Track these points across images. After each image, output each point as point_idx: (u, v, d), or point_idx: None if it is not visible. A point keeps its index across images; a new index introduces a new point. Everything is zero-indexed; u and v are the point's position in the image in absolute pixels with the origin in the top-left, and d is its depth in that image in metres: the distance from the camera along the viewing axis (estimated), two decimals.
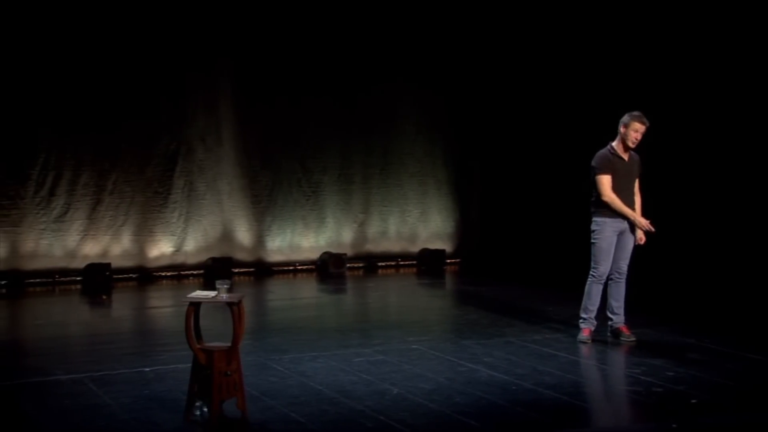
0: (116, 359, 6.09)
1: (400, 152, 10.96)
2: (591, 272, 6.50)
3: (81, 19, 9.30)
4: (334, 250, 10.50)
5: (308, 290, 9.69)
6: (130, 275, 9.72)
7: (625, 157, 6.50)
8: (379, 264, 10.87)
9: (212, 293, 4.79)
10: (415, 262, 10.94)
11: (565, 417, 4.90)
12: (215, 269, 9.64)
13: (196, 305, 4.77)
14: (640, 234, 6.50)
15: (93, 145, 9.53)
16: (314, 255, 10.54)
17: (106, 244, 9.64)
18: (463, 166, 11.25)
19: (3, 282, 9.22)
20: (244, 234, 10.28)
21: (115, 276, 9.47)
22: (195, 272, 10.01)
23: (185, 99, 9.91)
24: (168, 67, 9.68)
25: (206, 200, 10.07)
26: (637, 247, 6.61)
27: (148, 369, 5.76)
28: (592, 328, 6.56)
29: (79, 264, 9.45)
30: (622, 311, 6.59)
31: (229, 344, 4.75)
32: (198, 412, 4.70)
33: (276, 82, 10.17)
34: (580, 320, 6.58)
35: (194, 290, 5.12)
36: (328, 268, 10.22)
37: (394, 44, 10.63)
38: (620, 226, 6.44)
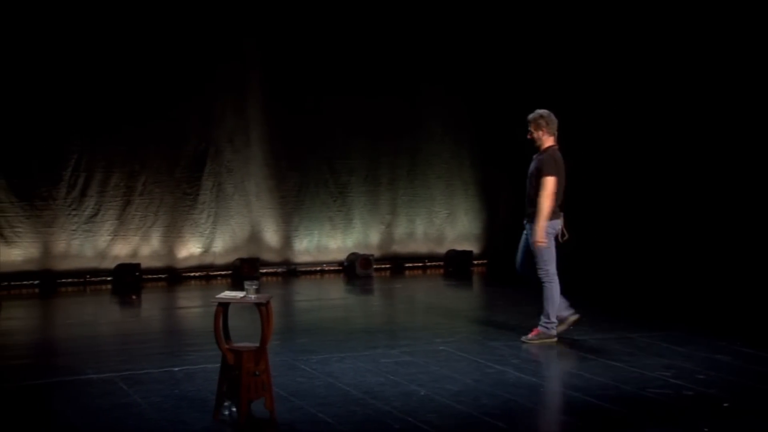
0: (146, 359, 6.15)
1: (427, 154, 10.96)
2: None
3: (111, 24, 9.41)
4: (361, 251, 10.52)
5: (335, 291, 9.72)
6: (160, 275, 9.82)
7: (535, 158, 6.63)
8: (406, 265, 10.87)
9: (241, 294, 4.82)
10: (442, 263, 10.93)
11: (594, 419, 4.87)
12: (243, 270, 9.71)
13: (224, 305, 4.80)
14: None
15: (123, 146, 9.64)
16: (341, 256, 10.56)
17: (136, 244, 9.75)
18: (490, 167, 11.21)
19: (36, 282, 9.36)
20: (271, 235, 10.33)
21: (144, 276, 9.57)
22: (223, 273, 10.09)
23: (213, 100, 10.00)
24: (196, 68, 9.77)
25: (234, 201, 10.15)
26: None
27: (177, 369, 5.81)
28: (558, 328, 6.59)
29: (110, 264, 9.57)
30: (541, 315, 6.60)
31: (257, 345, 4.78)
32: (227, 412, 4.73)
33: (304, 83, 10.22)
34: None
35: (223, 290, 5.15)
36: (355, 269, 10.24)
37: (421, 47, 10.64)
38: (527, 228, 6.64)
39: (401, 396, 5.17)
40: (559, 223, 6.55)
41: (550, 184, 6.43)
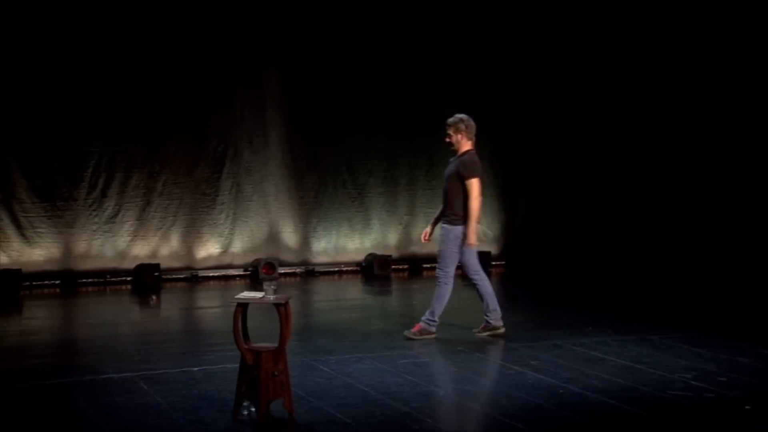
0: (165, 359, 6.19)
1: (446, 154, 10.93)
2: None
3: (131, 26, 9.47)
4: (379, 252, 10.52)
5: (353, 292, 9.72)
6: (179, 276, 9.88)
7: (453, 160, 6.73)
8: (424, 266, 10.86)
9: (259, 294, 4.84)
10: (460, 264, 10.89)
11: (614, 422, 4.84)
12: (262, 270, 9.75)
13: (243, 306, 4.82)
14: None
15: (143, 147, 9.72)
16: (359, 256, 10.57)
17: (156, 245, 9.81)
18: (509, 168, 11.18)
19: (57, 281, 9.45)
20: (290, 235, 10.36)
21: (164, 276, 9.63)
22: (242, 273, 10.13)
23: (233, 102, 10.05)
24: (216, 70, 9.82)
25: (253, 202, 10.19)
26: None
27: (196, 369, 5.84)
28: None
29: (130, 264, 9.64)
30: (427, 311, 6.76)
31: (276, 345, 4.79)
32: (246, 412, 4.75)
33: (322, 84, 10.25)
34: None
35: (241, 291, 5.17)
36: (373, 270, 10.25)
37: (440, 48, 10.65)
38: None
39: (420, 397, 5.17)
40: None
41: (476, 185, 6.55)
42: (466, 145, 6.71)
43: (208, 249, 10.05)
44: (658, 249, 10.15)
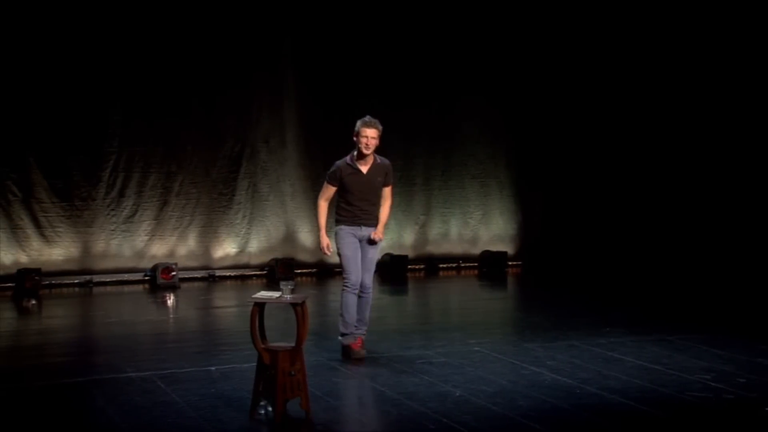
0: (183, 358, 6.22)
1: (462, 154, 10.94)
2: (344, 282, 6.12)
3: (148, 27, 9.53)
4: (395, 252, 10.52)
5: None
6: (196, 275, 9.93)
7: (363, 169, 6.32)
8: (441, 266, 10.85)
9: (276, 294, 4.85)
10: (476, 264, 10.89)
11: (632, 423, 4.82)
12: (278, 270, 9.78)
13: (260, 305, 4.84)
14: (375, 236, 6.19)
15: (160, 147, 9.77)
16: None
17: (173, 244, 9.86)
18: (526, 167, 11.16)
19: (76, 281, 9.52)
20: (306, 235, 10.39)
21: (181, 276, 9.68)
22: (258, 273, 10.17)
23: (250, 102, 10.08)
24: (233, 70, 9.86)
25: (269, 202, 10.22)
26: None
27: (213, 368, 5.87)
28: (354, 341, 6.11)
29: (147, 264, 9.70)
30: (362, 326, 6.17)
31: (293, 344, 4.81)
32: (262, 411, 4.77)
33: (339, 85, 10.26)
34: (341, 336, 6.14)
35: (258, 290, 5.19)
36: (389, 270, 10.24)
37: (455, 48, 10.63)
38: (357, 232, 6.21)
39: (436, 397, 5.17)
40: None
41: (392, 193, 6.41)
42: (373, 154, 6.47)
43: (225, 249, 10.10)
44: (675, 249, 10.09)
